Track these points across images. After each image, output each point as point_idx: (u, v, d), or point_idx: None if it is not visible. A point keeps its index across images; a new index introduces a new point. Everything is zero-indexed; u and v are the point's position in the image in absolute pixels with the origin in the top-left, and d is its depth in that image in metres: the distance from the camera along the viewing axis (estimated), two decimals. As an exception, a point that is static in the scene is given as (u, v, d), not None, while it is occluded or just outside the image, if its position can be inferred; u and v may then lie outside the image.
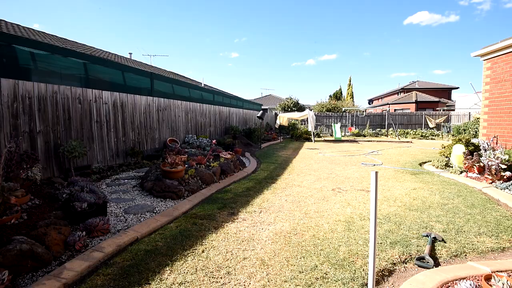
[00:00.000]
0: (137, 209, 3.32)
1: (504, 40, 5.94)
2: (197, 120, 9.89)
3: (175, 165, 4.28)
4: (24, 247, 1.95)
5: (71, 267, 2.00)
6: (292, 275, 1.97)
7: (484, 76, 6.72)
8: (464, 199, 3.81)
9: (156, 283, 1.88)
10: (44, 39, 8.02)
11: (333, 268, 2.06)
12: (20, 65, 4.30)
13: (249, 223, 2.94)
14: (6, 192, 2.58)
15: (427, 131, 18.82)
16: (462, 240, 2.55)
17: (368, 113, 23.35)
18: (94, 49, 11.40)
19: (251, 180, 5.01)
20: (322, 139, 15.31)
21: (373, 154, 8.91)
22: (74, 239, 2.34)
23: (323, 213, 3.27)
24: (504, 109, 6.06)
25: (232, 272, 2.02)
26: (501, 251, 2.38)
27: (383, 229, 2.78)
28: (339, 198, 3.91)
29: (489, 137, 6.25)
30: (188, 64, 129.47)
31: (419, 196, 3.99)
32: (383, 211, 3.33)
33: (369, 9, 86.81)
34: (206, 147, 7.86)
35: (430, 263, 2.12)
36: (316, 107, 24.56)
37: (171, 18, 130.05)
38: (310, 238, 2.59)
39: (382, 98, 40.26)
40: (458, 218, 3.08)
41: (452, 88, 33.16)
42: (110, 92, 5.80)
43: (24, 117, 4.07)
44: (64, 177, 4.45)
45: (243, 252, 2.31)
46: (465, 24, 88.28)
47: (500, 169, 4.59)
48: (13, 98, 3.93)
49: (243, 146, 9.63)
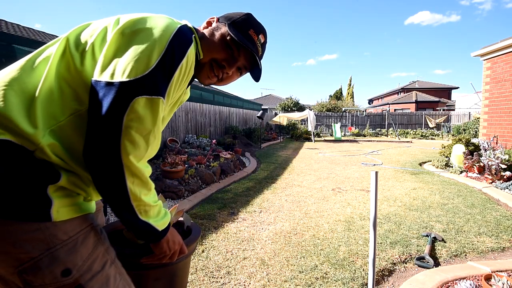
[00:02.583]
0: (137, 209, 3.32)
1: (504, 40, 5.94)
2: (197, 120, 9.90)
3: (175, 165, 4.28)
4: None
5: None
6: (292, 275, 1.97)
7: (484, 76, 6.72)
8: (464, 199, 3.81)
9: (156, 283, 1.88)
10: (44, 39, 8.02)
11: (333, 268, 2.06)
12: (20, 65, 4.30)
13: (249, 223, 2.95)
14: None
15: (427, 131, 18.83)
16: (462, 240, 2.55)
17: (368, 113, 23.35)
18: (94, 49, 11.39)
19: (251, 180, 5.01)
20: (322, 139, 15.32)
21: (373, 154, 8.91)
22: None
23: (323, 213, 3.27)
24: (504, 109, 6.06)
25: (232, 272, 2.02)
26: (501, 251, 2.38)
27: (383, 229, 2.78)
28: (339, 198, 3.91)
29: (489, 137, 6.25)
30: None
31: (419, 196, 3.99)
32: (383, 211, 3.33)
33: (370, 9, 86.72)
34: (206, 147, 7.86)
35: (430, 263, 2.12)
36: (316, 107, 24.57)
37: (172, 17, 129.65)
38: (310, 238, 2.59)
39: (382, 98, 40.28)
40: (458, 218, 3.09)
41: (452, 88, 33.18)
42: (110, 92, 5.81)
43: (24, 117, 4.07)
44: (64, 177, 4.45)
45: (243, 252, 2.31)
46: (466, 24, 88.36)
47: (500, 169, 4.59)
48: (13, 98, 3.93)
49: (243, 146, 9.63)
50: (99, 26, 0.70)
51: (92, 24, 0.73)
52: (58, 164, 0.64)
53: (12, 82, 0.62)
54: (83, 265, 0.64)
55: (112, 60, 0.64)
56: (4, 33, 5.03)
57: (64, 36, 0.70)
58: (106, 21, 0.71)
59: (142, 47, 0.64)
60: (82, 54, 0.67)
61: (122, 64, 0.63)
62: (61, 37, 0.70)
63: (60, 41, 0.69)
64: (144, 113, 0.64)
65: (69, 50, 0.67)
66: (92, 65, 0.66)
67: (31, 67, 0.66)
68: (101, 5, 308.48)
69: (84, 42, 0.68)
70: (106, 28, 0.69)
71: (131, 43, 0.65)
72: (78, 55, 0.67)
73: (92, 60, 0.66)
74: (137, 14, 0.71)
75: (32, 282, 0.59)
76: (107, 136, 0.62)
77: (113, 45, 0.65)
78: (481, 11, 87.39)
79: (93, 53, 0.67)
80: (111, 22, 0.70)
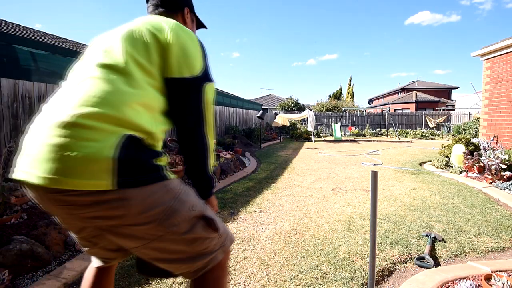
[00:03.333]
0: (137, 209, 3.32)
1: (504, 40, 5.94)
2: (197, 120, 9.86)
3: (175, 165, 4.28)
4: (24, 247, 1.95)
5: (71, 267, 2.00)
6: (292, 275, 1.97)
7: (484, 76, 6.72)
8: (464, 199, 3.81)
9: (156, 283, 1.88)
10: (44, 38, 8.02)
11: (333, 268, 2.06)
12: (20, 65, 4.30)
13: (249, 223, 2.95)
14: (6, 191, 2.58)
15: (427, 131, 18.82)
16: (462, 240, 2.55)
17: (368, 113, 23.34)
18: (94, 49, 11.38)
19: (251, 180, 5.01)
20: (322, 139, 15.32)
21: (373, 154, 8.91)
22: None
23: (323, 213, 3.27)
24: (504, 109, 6.06)
25: (232, 272, 2.02)
26: (501, 251, 2.38)
27: (383, 229, 2.78)
28: (339, 198, 3.91)
29: (489, 137, 6.25)
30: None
31: (419, 195, 3.99)
32: (383, 211, 3.33)
33: (370, 9, 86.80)
34: (206, 147, 7.84)
35: (430, 263, 2.12)
36: (316, 107, 24.56)
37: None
38: (310, 238, 2.59)
39: (382, 98, 40.27)
40: (458, 218, 3.09)
41: (452, 88, 33.17)
42: (110, 92, 5.81)
43: (24, 117, 4.07)
44: (64, 177, 4.45)
45: (243, 252, 2.31)
46: (466, 24, 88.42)
47: (500, 169, 4.59)
48: (13, 98, 3.93)
49: (243, 146, 9.63)
50: (141, 37, 0.90)
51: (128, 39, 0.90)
52: (158, 146, 0.89)
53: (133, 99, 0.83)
54: (197, 201, 0.91)
55: (180, 62, 0.89)
56: (4, 33, 5.03)
57: (124, 60, 0.85)
58: (139, 34, 0.90)
59: (196, 50, 0.94)
60: (151, 63, 0.87)
61: (189, 63, 0.90)
62: (121, 60, 0.85)
63: (130, 64, 0.85)
64: (211, 94, 0.95)
65: (142, 65, 0.85)
66: (160, 68, 0.88)
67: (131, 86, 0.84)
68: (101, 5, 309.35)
69: (144, 54, 0.87)
70: (148, 42, 0.88)
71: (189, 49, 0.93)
72: (149, 65, 0.86)
73: (158, 66, 0.88)
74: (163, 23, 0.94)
75: (173, 223, 0.82)
76: (196, 123, 0.92)
77: (176, 52, 0.89)
78: (482, 11, 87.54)
79: (157, 60, 0.88)
80: (146, 34, 0.90)
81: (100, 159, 0.71)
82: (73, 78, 0.88)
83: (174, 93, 0.90)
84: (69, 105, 0.77)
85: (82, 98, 0.77)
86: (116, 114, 0.77)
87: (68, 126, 0.73)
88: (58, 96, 0.84)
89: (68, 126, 0.73)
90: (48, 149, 0.72)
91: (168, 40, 0.88)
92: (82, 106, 0.76)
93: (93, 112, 0.75)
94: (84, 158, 0.71)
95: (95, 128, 0.74)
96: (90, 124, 0.74)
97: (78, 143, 0.72)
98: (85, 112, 0.75)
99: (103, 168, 0.71)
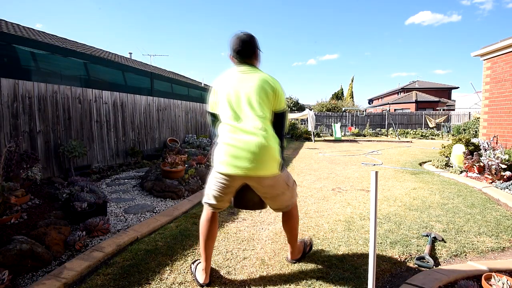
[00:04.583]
0: (137, 209, 3.33)
1: (504, 40, 5.94)
2: (197, 120, 9.89)
3: (175, 165, 4.28)
4: (24, 247, 1.95)
5: (71, 267, 2.00)
6: (292, 275, 1.97)
7: (484, 76, 6.72)
8: (464, 199, 3.81)
9: (156, 283, 1.88)
10: (44, 38, 8.01)
11: (333, 268, 2.06)
12: (20, 65, 4.30)
13: (249, 223, 2.95)
14: (6, 191, 2.58)
15: (427, 131, 18.83)
16: (462, 240, 2.55)
17: (368, 113, 23.34)
18: (94, 49, 11.39)
19: (251, 180, 5.00)
20: (322, 139, 15.32)
21: (373, 154, 8.91)
22: (74, 239, 2.34)
23: (323, 213, 3.27)
24: (504, 109, 6.06)
25: (232, 272, 2.02)
26: (501, 251, 2.38)
27: (383, 229, 2.78)
28: (339, 198, 3.91)
29: (489, 137, 6.25)
30: (189, 64, 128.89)
31: (419, 195, 3.99)
32: (383, 211, 3.33)
33: (371, 9, 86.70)
34: (206, 147, 7.86)
35: (430, 262, 2.12)
36: (316, 107, 24.57)
37: (172, 20, 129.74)
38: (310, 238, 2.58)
39: (382, 98, 40.26)
40: (458, 218, 3.09)
41: (452, 88, 33.15)
42: (110, 92, 5.80)
43: (24, 117, 4.07)
44: (64, 176, 4.45)
45: (243, 252, 2.31)
46: (467, 24, 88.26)
47: (500, 169, 4.59)
48: (13, 98, 3.93)
49: (243, 146, 9.62)
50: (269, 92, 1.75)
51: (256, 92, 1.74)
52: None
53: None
54: (291, 175, 1.97)
55: (281, 102, 1.79)
56: (4, 33, 5.03)
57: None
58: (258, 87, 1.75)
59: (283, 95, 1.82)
60: (272, 102, 1.75)
61: (283, 103, 1.81)
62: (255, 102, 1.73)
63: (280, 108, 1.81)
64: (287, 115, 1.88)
65: (270, 100, 1.73)
66: (274, 104, 1.76)
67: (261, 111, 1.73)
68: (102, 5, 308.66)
69: (267, 97, 1.73)
70: (268, 91, 1.72)
71: (282, 95, 1.80)
72: (271, 102, 1.75)
73: (270, 103, 1.75)
74: (273, 80, 1.79)
75: (290, 183, 1.88)
76: (283, 130, 1.83)
77: (280, 97, 1.77)
78: (482, 11, 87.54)
79: (272, 100, 1.75)
80: (267, 86, 1.74)
81: (278, 160, 1.71)
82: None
83: (277, 118, 1.79)
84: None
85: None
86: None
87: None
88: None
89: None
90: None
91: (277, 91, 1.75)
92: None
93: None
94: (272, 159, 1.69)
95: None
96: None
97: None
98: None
99: (278, 164, 1.72)
